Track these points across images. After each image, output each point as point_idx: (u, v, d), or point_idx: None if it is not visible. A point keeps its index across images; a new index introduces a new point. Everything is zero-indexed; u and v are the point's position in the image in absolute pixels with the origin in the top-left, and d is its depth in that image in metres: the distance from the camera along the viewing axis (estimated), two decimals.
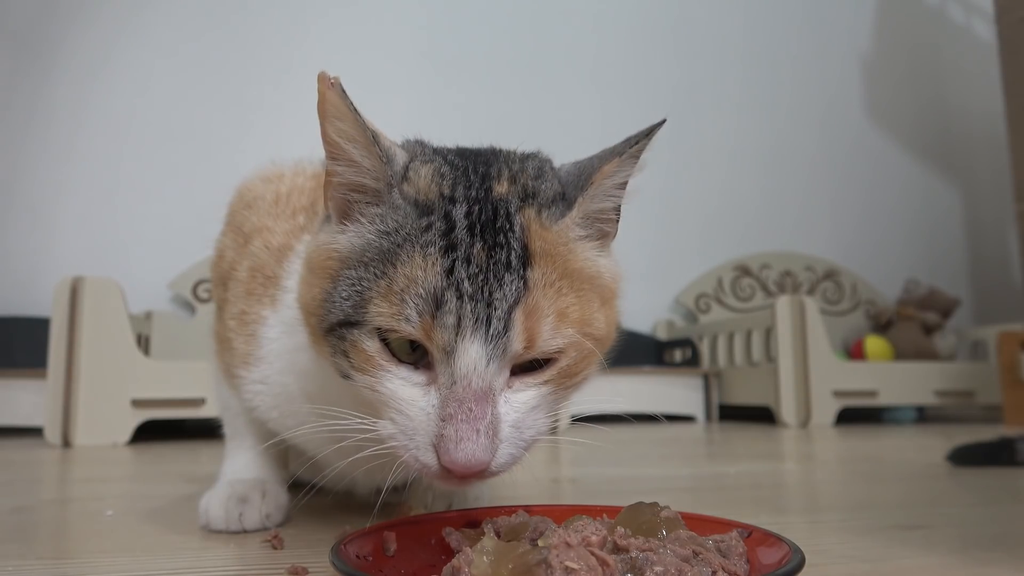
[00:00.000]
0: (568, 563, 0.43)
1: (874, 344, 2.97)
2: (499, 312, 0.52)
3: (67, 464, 1.48)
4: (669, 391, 2.68)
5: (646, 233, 3.18)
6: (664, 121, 0.68)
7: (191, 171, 2.67)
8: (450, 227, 0.54)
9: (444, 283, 0.52)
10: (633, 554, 0.48)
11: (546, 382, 0.56)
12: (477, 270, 0.53)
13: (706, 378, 2.75)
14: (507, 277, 0.53)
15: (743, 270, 3.29)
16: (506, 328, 0.52)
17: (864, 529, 0.80)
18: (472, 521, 0.61)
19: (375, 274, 0.55)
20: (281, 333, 0.72)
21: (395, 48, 3.00)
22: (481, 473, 0.52)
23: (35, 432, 1.90)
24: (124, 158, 2.68)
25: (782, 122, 3.49)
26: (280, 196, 0.81)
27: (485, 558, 0.45)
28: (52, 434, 1.81)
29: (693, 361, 2.78)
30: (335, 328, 0.56)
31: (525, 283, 0.53)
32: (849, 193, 3.54)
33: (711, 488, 1.14)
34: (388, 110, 2.93)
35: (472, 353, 0.52)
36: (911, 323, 3.04)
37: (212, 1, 2.86)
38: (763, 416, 2.59)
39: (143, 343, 2.35)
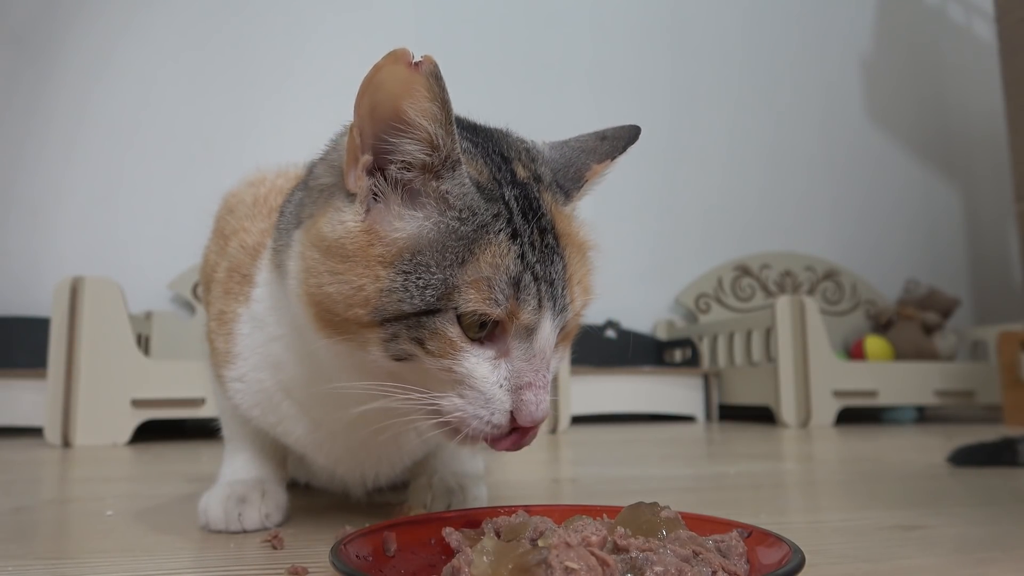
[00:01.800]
0: (568, 563, 0.43)
1: (874, 344, 2.97)
2: (559, 290, 0.59)
3: (67, 464, 1.48)
4: (669, 391, 2.68)
5: (646, 233, 3.18)
6: (639, 130, 0.74)
7: (191, 171, 2.68)
8: (511, 213, 0.58)
9: (521, 267, 0.56)
10: (633, 554, 0.48)
11: (564, 340, 0.63)
12: (540, 254, 0.58)
13: (706, 378, 2.75)
14: (555, 258, 0.59)
15: (743, 270, 3.29)
16: (564, 304, 0.59)
17: (864, 529, 0.80)
18: (472, 521, 0.61)
19: (458, 260, 0.55)
20: (252, 328, 0.72)
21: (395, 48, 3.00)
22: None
23: (35, 432, 1.90)
24: (124, 158, 2.68)
25: (782, 122, 3.49)
26: (259, 198, 0.82)
27: (485, 558, 0.45)
28: (52, 434, 1.81)
29: (693, 361, 2.78)
30: (405, 317, 0.56)
31: (564, 261, 0.60)
32: (849, 193, 3.54)
33: (711, 488, 1.14)
34: None
35: (547, 328, 0.58)
36: (911, 323, 3.04)
37: (212, 2, 2.86)
38: (763, 416, 2.59)
39: (143, 343, 2.35)
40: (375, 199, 0.58)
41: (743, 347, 2.74)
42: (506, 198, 0.58)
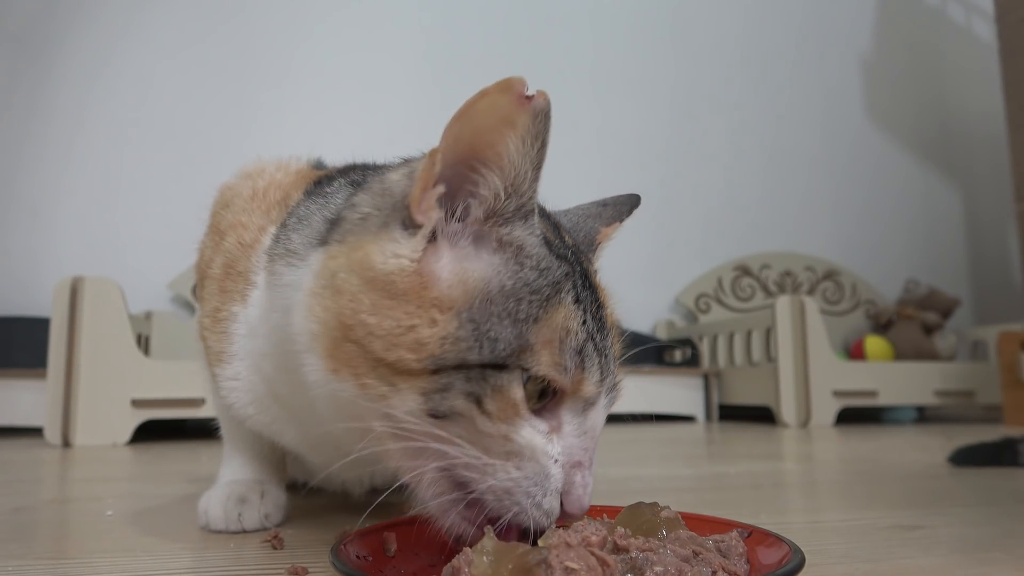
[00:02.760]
0: (568, 563, 0.43)
1: (874, 344, 2.97)
2: (612, 366, 0.56)
3: (67, 464, 1.48)
4: (669, 391, 2.68)
5: (646, 233, 3.18)
6: (640, 199, 0.73)
7: (191, 171, 2.67)
8: (574, 275, 0.55)
9: (586, 335, 0.53)
10: (633, 554, 0.48)
11: None
12: (598, 324, 0.55)
13: (706, 378, 2.75)
14: (607, 333, 0.56)
15: (743, 270, 3.29)
16: (615, 382, 0.57)
17: (864, 529, 0.80)
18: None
19: (532, 316, 0.51)
20: (248, 332, 0.69)
21: (394, 50, 3.00)
22: None
23: (35, 432, 1.90)
24: (124, 158, 2.68)
25: (782, 122, 3.50)
26: (256, 192, 0.78)
27: (485, 558, 0.45)
28: (52, 434, 1.81)
29: (693, 361, 2.78)
30: (467, 368, 0.50)
31: (611, 338, 0.57)
32: (849, 193, 3.54)
33: (711, 488, 1.14)
34: (388, 111, 2.95)
35: (602, 404, 0.55)
36: (911, 323, 3.04)
37: (211, 2, 2.86)
38: (763, 416, 2.59)
39: (143, 343, 2.35)
40: (440, 239, 0.53)
41: (743, 347, 2.74)
42: (569, 259, 0.55)
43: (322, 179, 0.75)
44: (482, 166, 0.52)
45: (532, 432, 0.52)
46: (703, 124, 3.39)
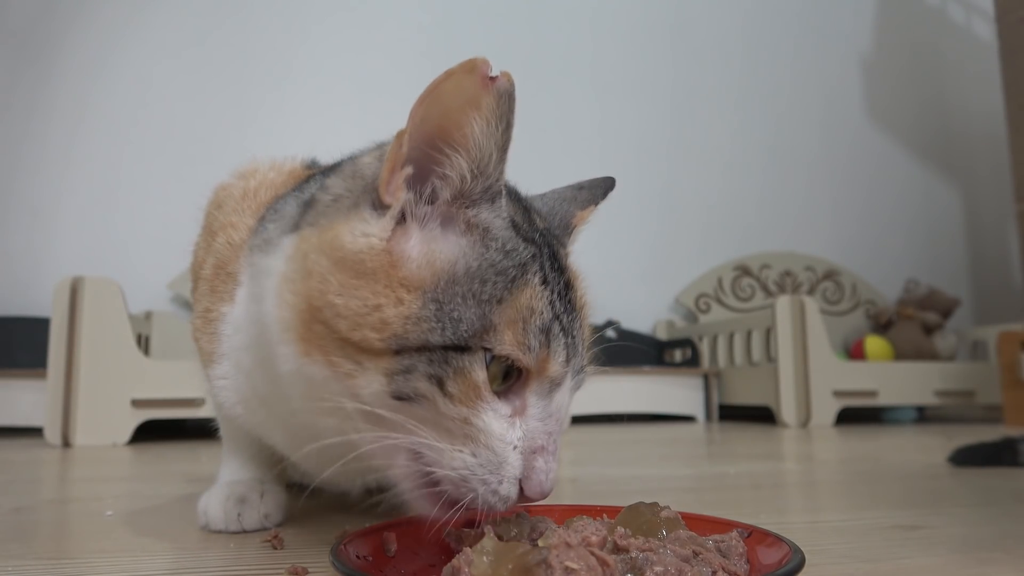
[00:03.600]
0: (568, 563, 0.43)
1: (874, 344, 2.98)
2: (580, 348, 0.56)
3: (67, 464, 1.48)
4: (669, 391, 2.68)
5: (646, 233, 3.18)
6: (615, 181, 0.72)
7: (191, 171, 2.67)
8: (542, 256, 0.55)
9: (551, 315, 0.53)
10: (633, 554, 0.48)
11: None
12: (566, 306, 0.55)
13: (706, 378, 2.75)
14: (575, 315, 0.56)
15: (743, 270, 3.29)
16: (582, 364, 0.56)
17: (864, 529, 0.80)
18: (472, 521, 0.61)
19: (496, 297, 0.51)
20: (233, 331, 0.68)
21: (394, 51, 3.00)
22: None
23: (35, 432, 1.90)
24: (124, 158, 2.68)
25: (782, 122, 3.50)
26: (248, 192, 0.78)
27: (485, 558, 0.45)
28: (52, 434, 1.81)
29: (693, 361, 2.78)
30: (428, 350, 0.50)
31: (580, 320, 0.57)
32: (849, 193, 3.54)
33: (711, 488, 1.14)
34: (387, 111, 2.94)
35: (567, 386, 0.55)
36: (911, 323, 3.04)
37: (212, 3, 2.86)
38: (763, 416, 2.59)
39: (143, 343, 2.35)
40: (409, 220, 0.54)
41: (743, 347, 2.74)
42: (539, 244, 0.55)
43: (310, 179, 0.75)
44: (448, 147, 0.52)
45: (493, 417, 0.52)
46: (703, 124, 3.39)
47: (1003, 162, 2.67)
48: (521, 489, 0.52)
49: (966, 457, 1.32)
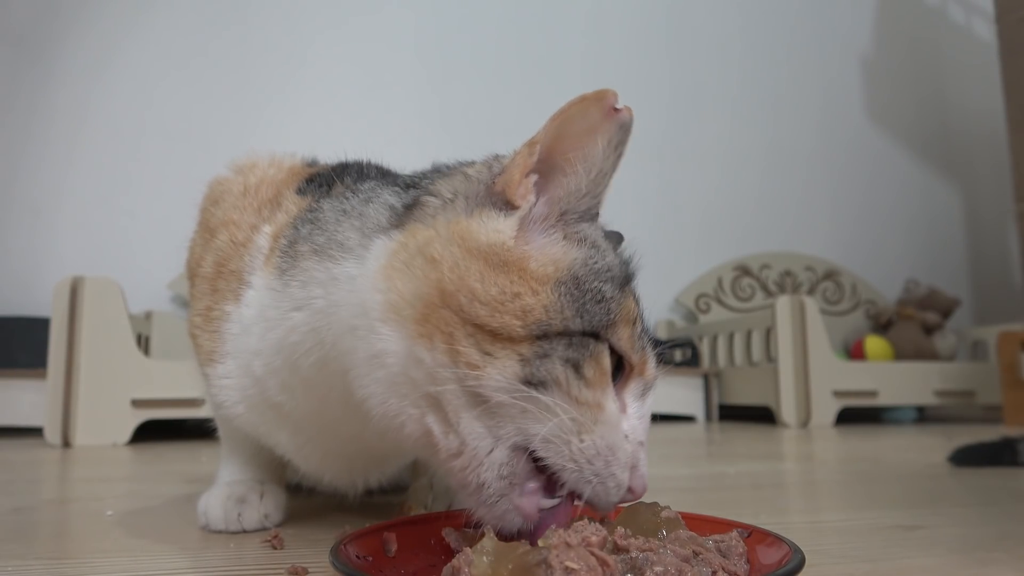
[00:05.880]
0: (568, 563, 0.43)
1: (874, 344, 2.97)
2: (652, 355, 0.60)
3: (67, 464, 1.48)
4: (669, 391, 2.68)
5: (646, 233, 3.16)
6: (623, 239, 0.73)
7: (191, 171, 2.67)
8: (627, 274, 0.60)
9: (642, 325, 0.59)
10: (633, 554, 0.48)
11: None
12: (642, 320, 0.60)
13: (706, 378, 2.75)
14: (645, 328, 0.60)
15: (743, 270, 3.29)
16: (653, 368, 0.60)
17: (864, 529, 0.80)
18: (472, 521, 0.61)
19: (615, 299, 0.56)
20: (241, 331, 0.68)
21: (394, 53, 3.00)
22: None
23: (35, 432, 1.90)
24: (124, 158, 2.68)
25: (782, 122, 3.49)
26: (248, 188, 0.77)
27: (485, 558, 0.45)
28: (52, 434, 1.81)
29: (693, 361, 2.78)
30: (568, 335, 0.53)
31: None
32: (849, 193, 3.54)
33: (711, 488, 1.14)
34: (389, 112, 2.95)
35: (653, 391, 0.60)
36: (911, 323, 3.04)
37: (213, 4, 2.86)
38: (763, 416, 2.59)
39: (143, 343, 2.35)
40: (533, 222, 0.57)
41: (743, 347, 2.74)
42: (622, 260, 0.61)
43: (314, 176, 0.74)
44: (568, 164, 0.57)
45: (613, 404, 0.55)
46: (703, 124, 3.39)
47: (1003, 162, 2.67)
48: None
49: (966, 457, 1.32)
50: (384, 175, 0.73)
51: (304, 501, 0.91)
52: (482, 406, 0.52)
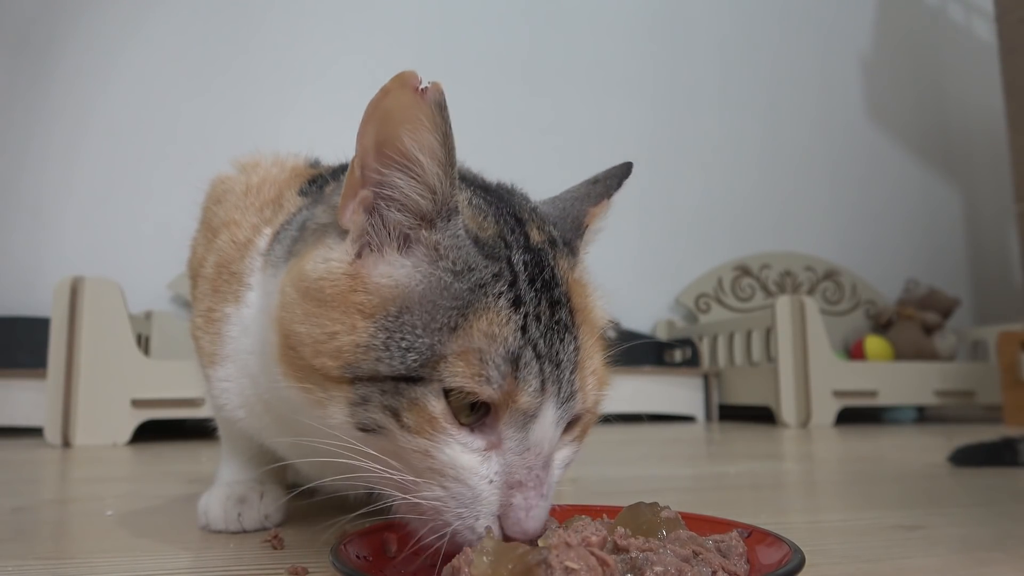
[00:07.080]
0: (568, 563, 0.43)
1: (874, 344, 2.97)
2: (567, 373, 0.51)
3: (67, 464, 1.48)
4: (669, 391, 2.68)
5: (646, 233, 3.18)
6: (632, 165, 0.67)
7: (192, 172, 2.66)
8: (515, 277, 0.51)
9: (522, 341, 0.49)
10: (633, 554, 0.48)
11: (576, 439, 0.57)
12: (547, 329, 0.50)
13: (706, 378, 2.75)
14: (567, 336, 0.52)
15: (743, 270, 3.29)
16: (572, 390, 0.51)
17: (864, 529, 0.80)
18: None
19: (449, 324, 0.48)
20: (240, 333, 0.67)
21: (394, 53, 3.00)
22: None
23: (35, 432, 1.90)
24: (125, 159, 2.68)
25: (782, 122, 3.49)
26: (250, 188, 0.77)
27: (485, 558, 0.45)
28: (52, 434, 1.81)
29: (693, 361, 2.78)
30: (380, 380, 0.49)
31: (577, 342, 0.52)
32: (849, 193, 3.54)
33: (711, 488, 1.14)
34: None
35: (548, 417, 0.50)
36: (911, 323, 3.04)
37: (214, 4, 2.86)
38: (763, 416, 2.59)
39: (143, 343, 2.35)
40: (369, 245, 0.52)
41: (743, 347, 2.74)
42: (512, 260, 0.52)
43: (316, 178, 0.74)
44: (394, 165, 0.51)
45: (460, 450, 0.49)
46: (703, 123, 3.39)
47: (1003, 162, 2.68)
48: (502, 528, 0.50)
49: (966, 457, 1.32)
50: None
51: (304, 501, 0.91)
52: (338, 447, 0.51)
